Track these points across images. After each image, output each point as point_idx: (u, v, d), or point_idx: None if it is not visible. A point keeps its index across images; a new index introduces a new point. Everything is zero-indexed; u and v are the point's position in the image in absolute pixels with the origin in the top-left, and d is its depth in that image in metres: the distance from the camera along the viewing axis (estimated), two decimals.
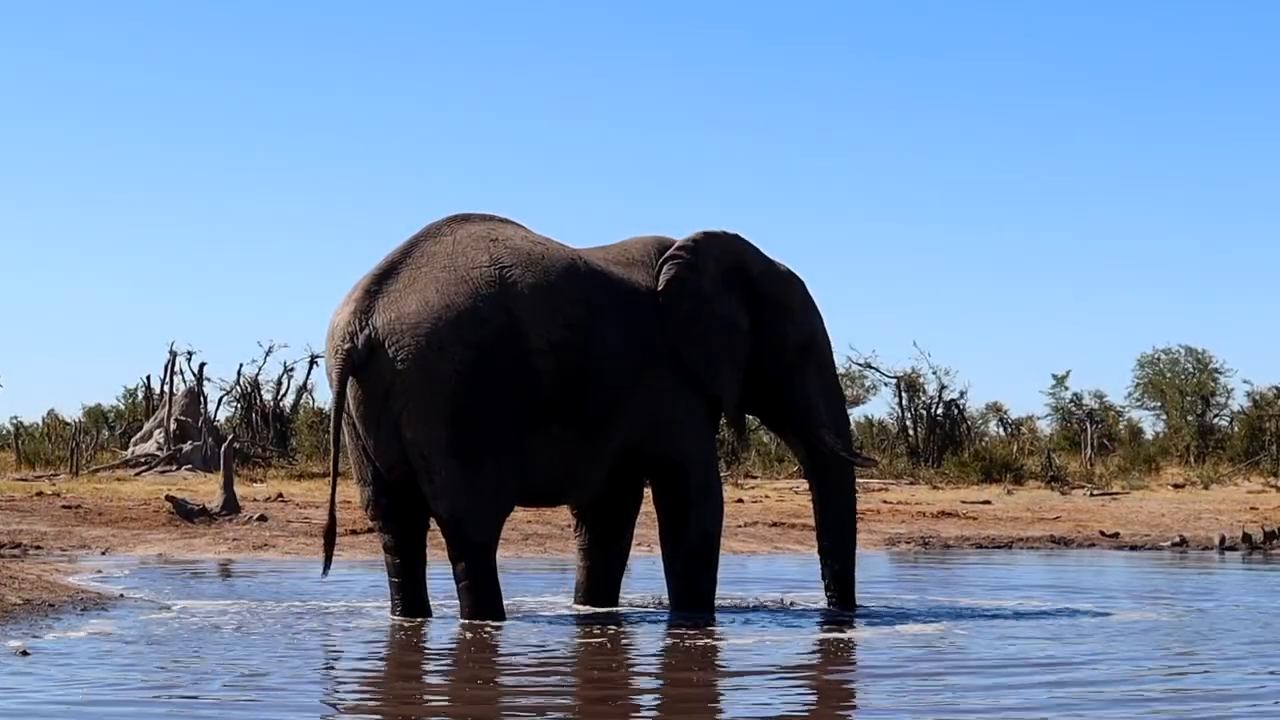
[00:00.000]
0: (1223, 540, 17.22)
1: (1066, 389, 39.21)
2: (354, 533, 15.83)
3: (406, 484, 9.77)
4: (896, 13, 62.52)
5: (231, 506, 18.08)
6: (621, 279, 10.22)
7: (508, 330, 9.61)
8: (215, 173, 62.43)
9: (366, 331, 9.58)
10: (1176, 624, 10.06)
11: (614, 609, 10.67)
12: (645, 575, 12.34)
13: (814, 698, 7.70)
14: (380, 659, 8.78)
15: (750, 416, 11.52)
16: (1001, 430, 38.66)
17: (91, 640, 8.82)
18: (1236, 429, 35.40)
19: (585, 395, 9.80)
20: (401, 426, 9.58)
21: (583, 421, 9.83)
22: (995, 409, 38.90)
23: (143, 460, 30.59)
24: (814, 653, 9.07)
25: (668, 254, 10.45)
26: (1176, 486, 27.00)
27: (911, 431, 34.48)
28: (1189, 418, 36.79)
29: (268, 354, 37.22)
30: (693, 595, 10.41)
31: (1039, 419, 39.82)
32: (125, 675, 7.64)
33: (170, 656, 8.30)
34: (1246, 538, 17.19)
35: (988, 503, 23.13)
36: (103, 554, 14.97)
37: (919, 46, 62.35)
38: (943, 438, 34.00)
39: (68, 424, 37.88)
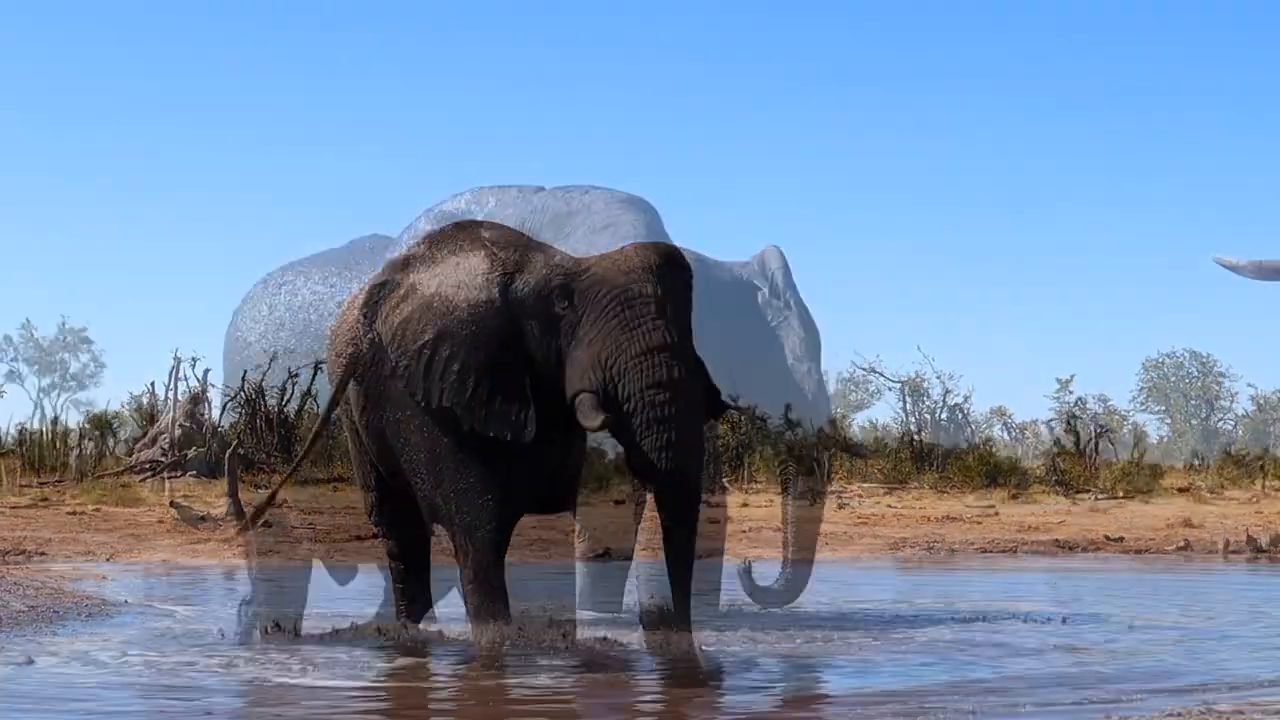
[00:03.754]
0: (1227, 544, 17.20)
1: (1071, 393, 39.29)
2: (359, 539, 15.84)
3: (409, 489, 9.76)
4: (900, 13, 62.62)
5: (236, 513, 18.08)
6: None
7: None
8: (219, 178, 62.60)
9: (370, 336, 9.59)
10: None
11: (616, 614, 10.65)
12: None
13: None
14: (383, 665, 8.77)
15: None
16: (1006, 434, 38.71)
17: (95, 647, 8.82)
18: (1241, 433, 35.42)
19: None
20: (405, 431, 9.58)
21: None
22: (999, 413, 38.99)
23: (146, 466, 30.58)
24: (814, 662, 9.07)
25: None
26: (1180, 490, 26.97)
27: (916, 436, 34.48)
28: (1193, 421, 36.82)
29: (272, 360, 37.13)
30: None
31: (1043, 423, 39.91)
32: (129, 682, 7.65)
33: (173, 663, 8.31)
34: (1251, 541, 17.17)
35: (991, 507, 23.12)
36: (107, 560, 14.98)
37: (923, 49, 62.44)
38: (947, 442, 34.03)
39: (71, 430, 37.87)
